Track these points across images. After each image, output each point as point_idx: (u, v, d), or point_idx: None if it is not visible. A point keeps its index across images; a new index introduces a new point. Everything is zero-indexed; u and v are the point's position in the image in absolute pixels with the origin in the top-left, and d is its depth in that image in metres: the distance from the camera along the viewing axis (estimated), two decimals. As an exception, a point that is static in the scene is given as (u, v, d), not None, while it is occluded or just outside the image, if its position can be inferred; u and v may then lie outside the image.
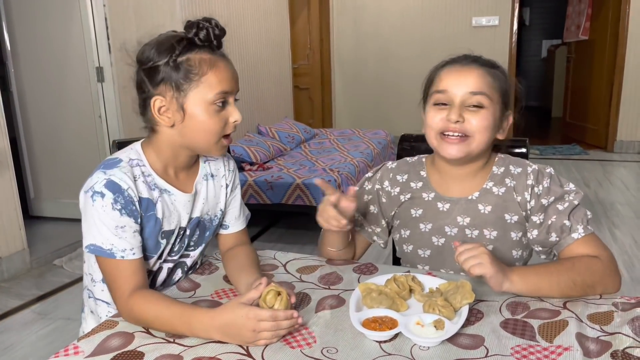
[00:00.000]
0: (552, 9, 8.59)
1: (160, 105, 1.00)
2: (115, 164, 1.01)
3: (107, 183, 0.97)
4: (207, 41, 0.99)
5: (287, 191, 3.18)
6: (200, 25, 0.99)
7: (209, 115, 1.00)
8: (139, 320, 0.93)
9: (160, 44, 1.00)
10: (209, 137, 1.02)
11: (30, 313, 2.48)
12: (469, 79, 1.05)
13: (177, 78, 0.98)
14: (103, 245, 0.97)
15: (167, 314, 0.90)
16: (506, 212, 1.10)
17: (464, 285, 0.94)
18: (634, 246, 3.05)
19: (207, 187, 1.14)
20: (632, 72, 5.32)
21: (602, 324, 0.88)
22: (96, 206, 0.97)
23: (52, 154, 3.65)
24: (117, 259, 0.97)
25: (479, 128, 1.04)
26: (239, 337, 0.85)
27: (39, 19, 3.41)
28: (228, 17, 4.32)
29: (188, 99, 0.99)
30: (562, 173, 4.80)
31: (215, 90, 0.99)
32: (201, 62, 0.98)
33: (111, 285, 0.99)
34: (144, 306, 0.92)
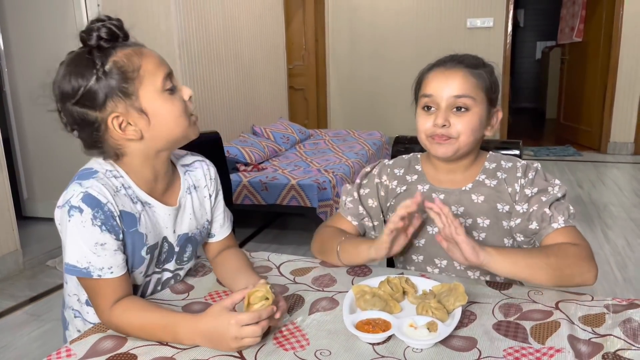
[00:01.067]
0: (547, 11, 8.64)
1: (120, 121, 0.93)
2: (91, 174, 0.95)
3: (85, 197, 0.91)
4: (112, 36, 0.92)
5: (282, 192, 3.18)
6: (95, 27, 0.91)
7: (168, 103, 0.95)
8: (124, 331, 0.91)
9: (74, 68, 0.92)
10: (179, 122, 0.97)
11: (22, 314, 2.47)
12: (452, 83, 1.08)
13: (118, 85, 0.91)
14: (78, 264, 0.92)
15: (150, 323, 0.89)
16: (498, 202, 1.14)
17: (457, 287, 0.94)
18: (627, 247, 3.07)
19: (192, 201, 1.10)
20: (625, 74, 5.35)
21: (593, 325, 0.89)
22: (74, 222, 0.91)
23: (46, 155, 3.63)
24: (94, 279, 0.93)
25: (464, 130, 1.09)
26: (222, 344, 0.84)
27: (32, 19, 3.40)
28: (223, 18, 4.32)
29: (142, 99, 0.93)
30: (556, 174, 4.83)
31: (159, 76, 0.94)
32: (129, 58, 0.92)
33: (92, 301, 0.96)
34: (126, 318, 0.90)
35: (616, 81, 5.40)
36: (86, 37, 0.92)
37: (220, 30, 4.26)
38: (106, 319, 0.93)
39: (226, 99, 4.34)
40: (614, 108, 5.48)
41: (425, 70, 1.15)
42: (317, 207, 3.10)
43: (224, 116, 4.34)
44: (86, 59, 0.91)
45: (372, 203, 1.26)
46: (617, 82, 5.40)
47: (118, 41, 0.93)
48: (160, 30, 3.73)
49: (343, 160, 3.76)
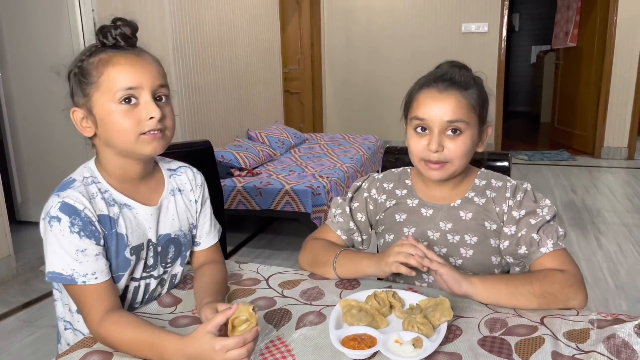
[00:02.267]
0: (541, 15, 8.67)
1: (78, 116, 0.99)
2: (69, 184, 0.99)
3: (62, 206, 0.95)
4: (113, 41, 0.97)
5: (276, 197, 3.19)
6: (104, 28, 0.97)
7: (118, 115, 0.96)
8: (112, 346, 0.92)
9: (76, 56, 0.99)
10: (125, 136, 0.97)
11: (15, 320, 2.46)
12: (445, 107, 1.08)
13: (81, 84, 0.97)
14: (63, 272, 0.94)
15: (139, 340, 0.89)
16: (486, 220, 1.15)
17: (443, 302, 0.95)
18: (619, 253, 3.08)
19: (175, 202, 1.12)
20: (619, 79, 5.38)
21: (578, 341, 0.89)
22: (54, 231, 0.94)
23: (40, 159, 3.62)
24: (79, 285, 0.95)
25: (458, 154, 1.09)
26: None
27: (27, 23, 3.39)
28: (218, 22, 4.32)
29: (94, 103, 0.97)
30: (550, 179, 4.85)
31: (116, 87, 0.95)
32: (98, 63, 0.96)
33: (81, 310, 0.97)
34: (115, 332, 0.91)
35: (610, 86, 5.43)
36: (96, 33, 0.98)
37: (215, 34, 4.27)
38: (95, 330, 0.94)
39: (221, 102, 4.35)
40: (608, 113, 5.51)
41: (416, 90, 1.13)
42: (311, 213, 3.10)
43: (219, 120, 4.34)
44: (82, 51, 0.98)
45: (361, 217, 1.27)
46: (611, 87, 5.42)
47: (118, 45, 0.97)
48: (154, 34, 3.73)
49: (338, 165, 3.77)
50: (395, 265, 1.03)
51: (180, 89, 3.91)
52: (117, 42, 0.97)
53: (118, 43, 0.97)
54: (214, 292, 1.04)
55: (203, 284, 1.08)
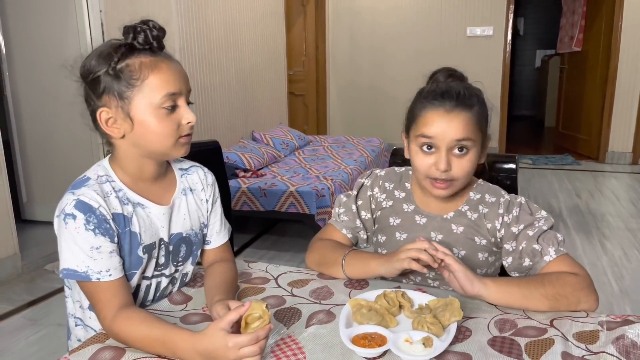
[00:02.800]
0: (546, 19, 8.67)
1: (107, 117, 0.98)
2: (83, 182, 0.99)
3: (77, 204, 0.95)
4: (146, 44, 0.97)
5: (281, 198, 3.19)
6: (138, 28, 0.96)
7: (158, 120, 0.97)
8: (124, 342, 0.92)
9: (100, 53, 0.97)
10: (163, 140, 0.99)
11: (20, 319, 2.47)
12: (453, 126, 1.07)
13: (119, 86, 0.96)
14: (78, 269, 0.95)
15: (151, 336, 0.89)
16: (476, 236, 1.16)
17: (453, 302, 0.95)
18: (624, 258, 3.08)
19: (187, 201, 1.13)
20: (624, 84, 5.38)
21: (587, 342, 0.90)
22: (69, 229, 0.95)
23: (46, 158, 3.64)
24: (93, 282, 0.95)
25: (464, 173, 1.11)
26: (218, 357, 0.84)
27: (34, 22, 3.42)
28: (224, 24, 4.34)
29: (133, 107, 0.97)
30: (555, 183, 4.85)
31: (160, 93, 0.96)
32: (141, 66, 0.96)
33: (94, 307, 0.98)
34: (128, 329, 0.91)
35: (615, 91, 5.42)
36: (124, 33, 0.97)
37: (221, 36, 4.28)
38: (107, 327, 0.95)
39: (226, 104, 4.36)
40: (613, 117, 5.50)
41: (421, 105, 1.12)
42: (315, 214, 3.11)
43: (224, 121, 4.35)
44: (113, 50, 0.96)
45: (365, 215, 1.28)
46: (616, 91, 5.42)
47: (150, 48, 0.98)
48: (161, 35, 3.75)
49: (342, 167, 3.78)
50: (407, 261, 1.04)
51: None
52: (152, 46, 0.97)
53: (152, 46, 0.98)
54: (224, 290, 1.04)
55: (214, 282, 1.08)
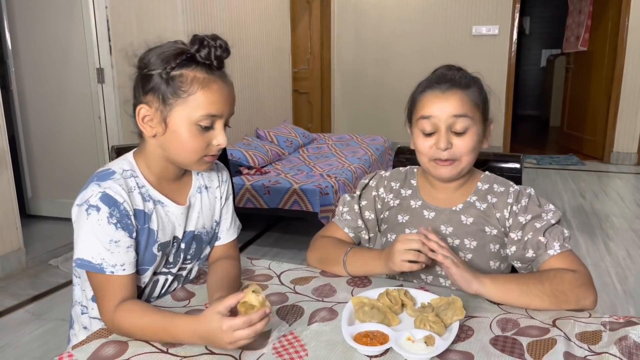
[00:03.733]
0: (552, 19, 8.64)
1: (145, 114, 0.99)
2: (109, 175, 1.00)
3: (103, 196, 0.96)
4: (207, 59, 0.97)
5: (284, 196, 3.20)
6: (205, 42, 0.96)
7: (190, 135, 0.98)
8: (125, 333, 0.93)
9: (162, 53, 0.97)
10: (188, 155, 1.01)
11: (24, 313, 2.49)
12: (451, 103, 1.10)
13: (166, 91, 0.96)
14: (93, 260, 0.95)
15: (152, 326, 0.91)
16: (486, 226, 1.16)
17: (455, 301, 0.95)
18: (628, 259, 3.07)
19: (201, 199, 1.14)
20: (629, 85, 5.36)
21: (590, 343, 0.90)
22: (91, 220, 0.95)
23: (51, 154, 3.66)
24: (106, 274, 0.96)
25: (466, 151, 1.11)
26: (219, 345, 0.87)
27: (40, 18, 3.43)
28: (229, 21, 4.34)
29: (172, 114, 0.97)
30: (559, 183, 4.83)
31: (202, 111, 0.97)
32: (193, 81, 0.96)
33: (98, 299, 0.98)
34: (128, 319, 0.93)
35: (620, 91, 5.40)
36: (191, 42, 0.97)
37: (227, 34, 4.28)
38: (109, 320, 0.95)
39: (231, 101, 4.36)
40: (618, 118, 5.48)
41: (419, 92, 1.15)
42: (318, 212, 3.11)
43: (228, 119, 4.35)
44: (174, 55, 0.96)
45: (369, 215, 1.28)
46: (622, 92, 5.40)
47: (209, 65, 0.97)
48: (166, 33, 3.75)
49: (346, 166, 3.77)
50: (407, 266, 1.04)
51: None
52: (211, 63, 0.97)
53: (212, 64, 0.98)
54: (226, 287, 1.05)
55: (217, 279, 1.09)
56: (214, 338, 0.86)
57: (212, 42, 0.97)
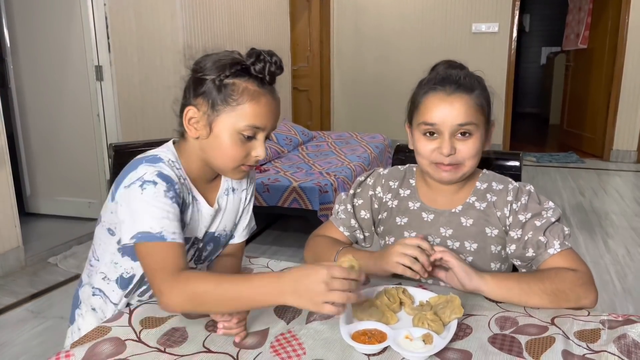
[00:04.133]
0: (552, 16, 8.63)
1: (192, 116, 1.02)
2: (159, 160, 1.01)
3: (159, 174, 0.97)
4: (260, 73, 1.00)
5: (284, 194, 3.19)
6: (261, 56, 1.00)
7: (232, 142, 1.00)
8: (193, 296, 0.89)
9: (218, 60, 1.00)
10: (227, 162, 1.03)
11: (23, 311, 2.49)
12: (455, 110, 1.07)
13: (217, 97, 0.99)
14: (152, 230, 0.93)
15: (229, 282, 0.89)
16: (487, 226, 1.14)
17: (454, 300, 0.95)
18: (627, 256, 3.07)
19: (227, 202, 1.15)
20: (629, 82, 5.35)
21: (588, 341, 0.89)
22: (146, 194, 0.95)
23: (49, 151, 3.65)
24: (167, 242, 0.93)
25: (469, 156, 1.09)
26: (310, 293, 0.83)
27: (39, 16, 3.42)
28: (228, 18, 4.33)
29: (218, 120, 1.00)
30: (558, 181, 4.83)
31: (247, 122, 0.99)
32: (244, 91, 0.99)
33: (158, 272, 0.92)
34: (198, 280, 0.90)
35: (620, 89, 5.40)
36: (247, 54, 1.01)
37: (226, 30, 4.28)
38: (171, 284, 0.90)
39: (230, 99, 4.35)
40: (618, 116, 5.48)
41: (421, 94, 1.11)
42: (318, 210, 3.11)
43: (228, 116, 4.34)
44: (229, 63, 0.99)
45: (364, 215, 1.26)
46: (621, 90, 5.40)
47: (261, 79, 1.00)
48: (165, 30, 3.75)
49: (345, 164, 3.77)
50: (402, 268, 1.03)
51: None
52: (264, 77, 1.00)
53: (264, 78, 1.00)
54: None
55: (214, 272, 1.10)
56: (307, 281, 0.83)
57: (268, 58, 1.00)
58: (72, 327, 1.18)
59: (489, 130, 1.14)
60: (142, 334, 0.95)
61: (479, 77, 1.13)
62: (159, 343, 0.92)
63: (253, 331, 0.95)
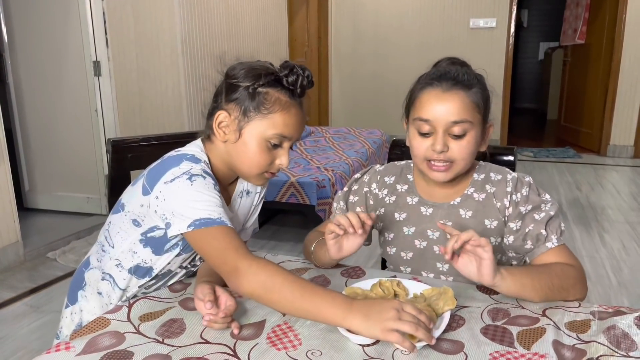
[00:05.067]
0: (550, 11, 8.63)
1: (223, 120, 1.05)
2: (199, 160, 1.04)
3: (204, 171, 1.01)
4: (292, 85, 1.04)
5: (281, 189, 3.20)
6: (295, 70, 1.04)
7: (259, 149, 1.04)
8: (267, 281, 0.90)
9: (252, 69, 1.04)
10: (252, 167, 1.06)
11: (22, 306, 2.50)
12: (450, 107, 1.06)
13: (249, 105, 1.03)
14: (211, 216, 0.95)
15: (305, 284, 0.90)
16: (486, 218, 1.14)
17: (447, 291, 0.97)
18: (622, 251, 3.09)
19: (239, 204, 1.18)
20: (626, 78, 5.37)
21: (579, 332, 0.91)
22: (197, 184, 0.98)
23: (48, 147, 3.66)
24: (227, 226, 0.96)
25: (463, 155, 1.09)
26: (380, 317, 0.84)
27: (37, 11, 3.42)
28: (226, 13, 4.33)
29: (248, 126, 1.04)
30: (555, 176, 4.85)
31: (276, 130, 1.03)
32: (276, 101, 1.03)
33: (229, 248, 0.94)
34: (276, 269, 0.91)
35: (617, 84, 5.41)
36: (281, 66, 1.05)
37: (224, 26, 4.28)
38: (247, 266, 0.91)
39: (228, 94, 4.36)
40: (615, 111, 5.50)
41: (418, 89, 1.11)
42: (315, 205, 3.12)
43: (226, 112, 4.35)
44: (264, 74, 1.03)
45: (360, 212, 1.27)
46: (619, 85, 5.41)
47: (293, 90, 1.05)
48: (163, 26, 3.75)
49: (343, 159, 3.78)
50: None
51: (188, 80, 3.92)
52: (295, 90, 1.04)
53: (296, 91, 1.04)
54: (215, 275, 1.07)
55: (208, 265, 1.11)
56: (377, 306, 0.86)
57: (301, 72, 1.04)
58: (73, 308, 1.17)
59: (485, 130, 1.13)
60: (141, 327, 0.96)
61: (480, 75, 1.12)
62: (157, 334, 0.93)
63: (250, 323, 0.97)
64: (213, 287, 0.99)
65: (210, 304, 0.93)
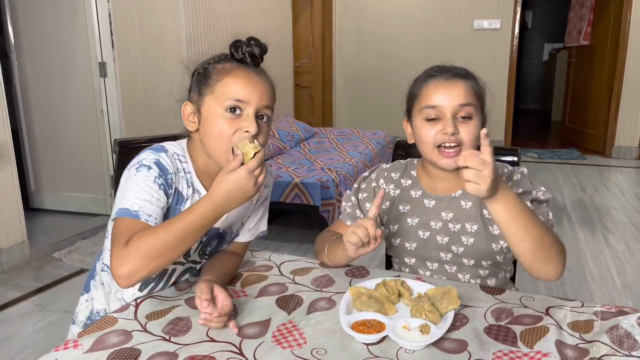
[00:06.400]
0: (555, 13, 8.62)
1: (188, 111, 1.08)
2: (163, 150, 1.06)
3: (156, 161, 1.03)
4: (239, 55, 1.05)
5: (285, 189, 3.21)
6: (238, 43, 1.06)
7: (219, 120, 1.02)
8: (150, 250, 0.92)
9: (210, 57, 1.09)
10: (218, 142, 1.03)
11: (28, 305, 2.52)
12: (456, 92, 1.12)
13: (200, 83, 1.05)
14: (131, 208, 0.98)
15: (174, 222, 0.95)
16: (485, 208, 1.17)
17: (451, 291, 0.98)
18: (627, 252, 3.09)
19: None
20: (631, 79, 5.35)
21: (582, 331, 0.92)
22: (139, 175, 1.01)
23: (54, 147, 3.68)
24: (140, 220, 0.97)
25: (471, 137, 1.12)
26: (246, 194, 0.95)
27: (43, 12, 3.44)
28: (231, 14, 4.35)
29: (204, 103, 1.05)
30: (560, 177, 4.84)
31: (228, 95, 1.02)
32: (222, 70, 1.04)
33: (115, 240, 0.96)
34: (148, 234, 0.93)
35: (622, 85, 5.40)
36: (230, 45, 1.07)
37: (228, 27, 4.29)
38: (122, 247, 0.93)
39: (232, 95, 4.37)
40: (619, 112, 5.48)
41: (420, 82, 1.17)
42: (319, 206, 3.13)
43: (230, 113, 4.36)
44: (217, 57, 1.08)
45: (369, 207, 1.29)
46: (623, 86, 5.40)
47: (244, 61, 1.06)
48: (168, 26, 3.77)
49: (347, 160, 3.79)
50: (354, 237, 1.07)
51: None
52: (244, 58, 1.06)
53: (245, 59, 1.06)
54: (217, 274, 1.08)
55: (211, 264, 1.13)
56: (239, 190, 0.94)
57: (245, 42, 1.07)
58: (87, 295, 1.25)
59: (484, 119, 1.18)
60: (148, 325, 0.97)
61: (474, 74, 1.18)
62: (164, 332, 0.94)
63: (255, 321, 0.98)
64: (211, 285, 0.99)
65: (207, 302, 0.93)
